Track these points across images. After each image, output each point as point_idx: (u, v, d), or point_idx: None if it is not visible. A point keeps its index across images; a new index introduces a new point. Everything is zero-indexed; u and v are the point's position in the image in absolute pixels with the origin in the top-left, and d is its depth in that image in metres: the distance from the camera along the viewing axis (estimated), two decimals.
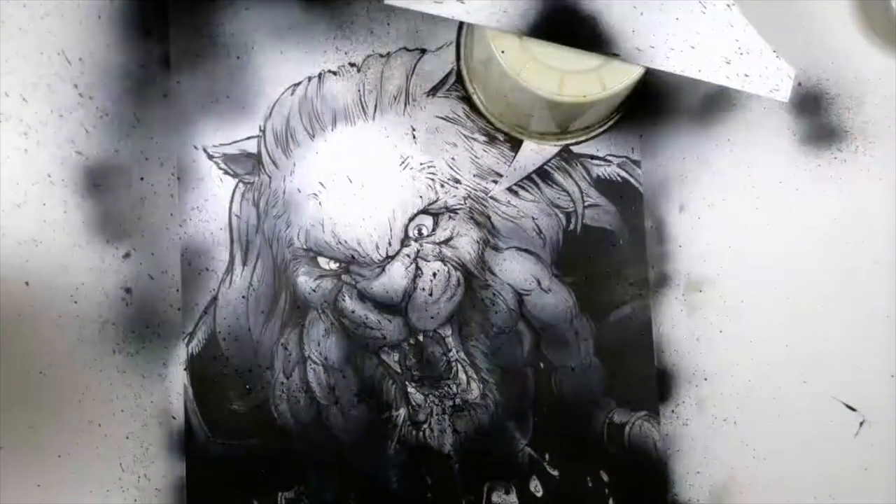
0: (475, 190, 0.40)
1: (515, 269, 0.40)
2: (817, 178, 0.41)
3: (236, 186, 0.40)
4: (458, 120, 0.40)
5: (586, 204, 0.40)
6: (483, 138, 0.40)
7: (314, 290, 0.40)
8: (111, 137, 0.39)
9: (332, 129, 0.40)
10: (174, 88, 0.40)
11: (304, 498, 0.40)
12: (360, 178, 0.40)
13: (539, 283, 0.40)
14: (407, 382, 0.40)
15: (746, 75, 0.34)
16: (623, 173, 0.40)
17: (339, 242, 0.40)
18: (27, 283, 0.38)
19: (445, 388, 0.40)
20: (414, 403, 0.40)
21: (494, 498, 0.40)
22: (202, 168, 0.40)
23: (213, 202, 0.40)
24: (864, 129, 0.40)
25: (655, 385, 0.40)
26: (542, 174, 0.40)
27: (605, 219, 0.40)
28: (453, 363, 0.40)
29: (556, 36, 0.34)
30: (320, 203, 0.40)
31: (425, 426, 0.40)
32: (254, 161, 0.40)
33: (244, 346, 0.40)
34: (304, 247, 0.40)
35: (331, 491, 0.40)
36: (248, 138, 0.40)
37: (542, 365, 0.40)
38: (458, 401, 0.40)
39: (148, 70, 0.40)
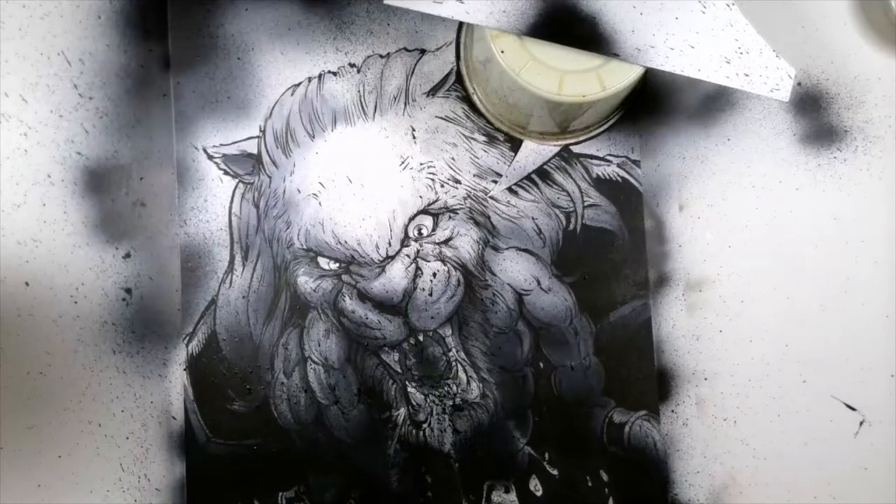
0: (475, 190, 0.40)
1: (515, 269, 0.40)
2: (817, 178, 0.41)
3: (236, 186, 0.40)
4: (458, 120, 0.40)
5: (586, 204, 0.40)
6: (483, 138, 0.40)
7: (314, 290, 0.40)
8: (111, 137, 0.39)
9: (332, 130, 0.40)
10: (174, 88, 0.40)
11: (304, 498, 0.40)
12: (360, 178, 0.40)
13: (539, 282, 0.40)
14: (407, 382, 0.40)
15: (746, 75, 0.34)
16: (623, 173, 0.40)
17: (339, 242, 0.40)
18: (27, 284, 0.38)
19: (445, 388, 0.40)
20: (414, 403, 0.40)
21: (494, 497, 0.40)
22: (202, 168, 0.40)
23: (213, 202, 0.40)
24: (864, 129, 0.40)
25: (655, 385, 0.40)
26: (541, 174, 0.40)
27: (604, 219, 0.40)
28: (453, 363, 0.40)
29: (556, 36, 0.34)
30: (320, 203, 0.40)
31: (425, 426, 0.40)
32: (254, 161, 0.40)
33: (244, 346, 0.40)
34: (304, 247, 0.40)
35: (331, 491, 0.40)
36: (248, 139, 0.40)
37: (541, 364, 0.40)
38: (458, 400, 0.40)
39: (148, 70, 0.40)
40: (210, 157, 0.40)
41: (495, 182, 0.40)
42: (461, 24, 0.40)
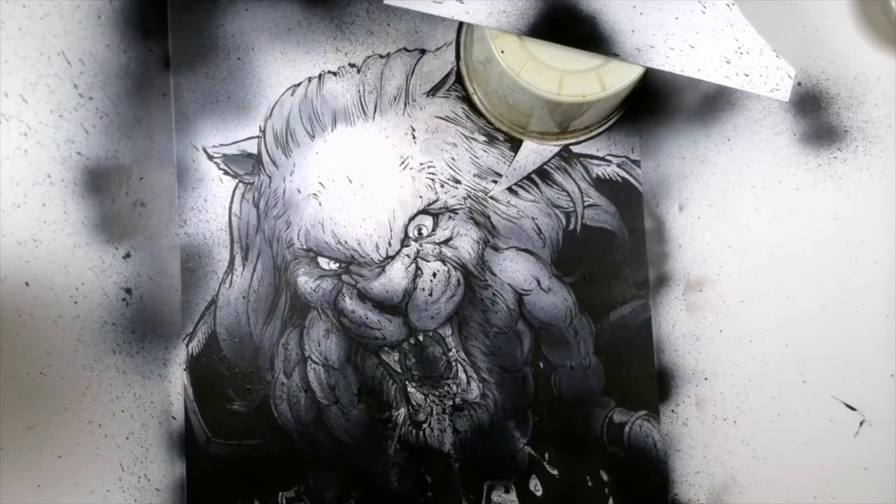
0: (475, 190, 0.40)
1: (515, 269, 0.40)
2: (817, 178, 0.41)
3: (236, 186, 0.40)
4: (458, 120, 0.40)
5: (586, 204, 0.40)
6: (483, 138, 0.40)
7: (314, 290, 0.40)
8: (111, 137, 0.39)
9: (332, 130, 0.40)
10: (174, 88, 0.40)
11: (304, 497, 0.40)
12: (360, 178, 0.40)
13: (539, 282, 0.40)
14: (407, 382, 0.40)
15: (746, 75, 0.34)
16: (623, 173, 0.40)
17: (339, 242, 0.40)
18: (27, 284, 0.38)
19: (445, 388, 0.40)
20: (414, 403, 0.40)
21: (494, 497, 0.40)
22: (202, 168, 0.40)
23: (213, 202, 0.40)
24: (864, 128, 0.40)
25: (655, 385, 0.40)
26: (541, 174, 0.40)
27: (604, 219, 0.40)
28: (453, 363, 0.40)
29: (556, 36, 0.34)
30: (320, 203, 0.40)
31: (425, 426, 0.40)
32: (254, 161, 0.40)
33: (244, 346, 0.40)
34: (304, 247, 0.40)
35: (331, 490, 0.40)
36: (248, 139, 0.40)
37: (541, 364, 0.40)
38: (458, 400, 0.40)
39: (148, 70, 0.40)
40: (210, 157, 0.40)
41: (495, 182, 0.40)
42: (461, 24, 0.40)
